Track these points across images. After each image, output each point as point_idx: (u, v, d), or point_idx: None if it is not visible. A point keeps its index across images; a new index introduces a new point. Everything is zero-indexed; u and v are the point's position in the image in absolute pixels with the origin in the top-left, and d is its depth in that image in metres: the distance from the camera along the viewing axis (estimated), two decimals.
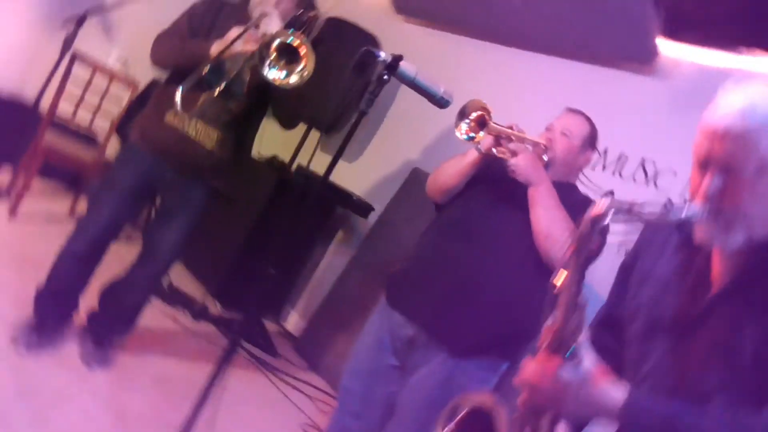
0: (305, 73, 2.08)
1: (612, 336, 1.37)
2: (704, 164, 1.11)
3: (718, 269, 1.19)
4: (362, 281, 3.42)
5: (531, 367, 1.15)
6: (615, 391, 1.09)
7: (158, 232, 2.56)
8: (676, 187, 2.75)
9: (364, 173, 3.90)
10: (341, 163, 1.74)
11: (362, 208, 3.61)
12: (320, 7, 4.12)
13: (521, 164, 1.93)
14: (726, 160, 1.08)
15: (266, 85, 2.39)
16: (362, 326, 2.18)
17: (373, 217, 3.65)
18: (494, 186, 2.06)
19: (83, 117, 3.79)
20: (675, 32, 2.90)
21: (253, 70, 2.35)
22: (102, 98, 3.78)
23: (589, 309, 1.14)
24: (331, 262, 3.92)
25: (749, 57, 2.76)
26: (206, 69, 2.21)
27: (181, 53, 2.33)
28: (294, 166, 3.91)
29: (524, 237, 1.91)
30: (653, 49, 2.87)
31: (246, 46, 2.22)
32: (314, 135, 3.98)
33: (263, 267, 3.23)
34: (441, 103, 1.75)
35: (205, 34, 2.39)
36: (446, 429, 1.26)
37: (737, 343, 1.09)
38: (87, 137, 4.00)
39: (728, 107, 1.08)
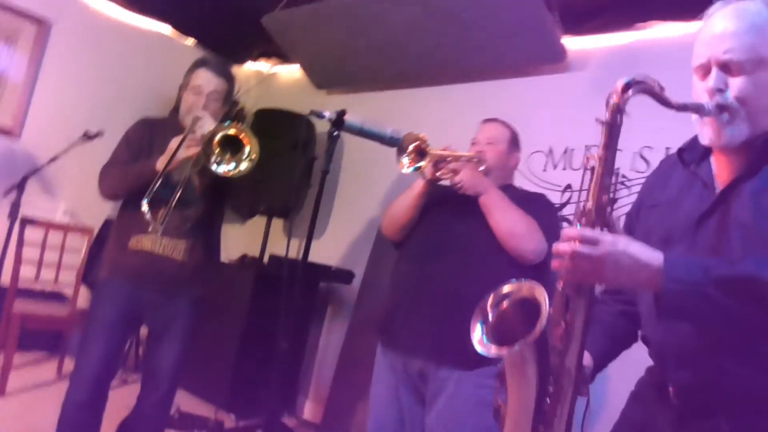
0: (253, 156, 2.16)
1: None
2: (705, 68, 1.23)
3: (723, 174, 1.27)
4: (366, 344, 3.41)
5: (571, 235, 1.15)
6: (652, 253, 1.12)
7: (154, 357, 2.53)
8: (625, 161, 2.88)
9: (334, 245, 3.94)
10: (315, 242, 1.80)
11: (344, 276, 3.64)
12: (245, 102, 4.27)
13: (466, 179, 2.06)
14: (724, 57, 1.20)
15: (218, 184, 2.46)
16: None
17: (356, 282, 3.68)
18: (446, 206, 2.16)
19: (47, 277, 3.76)
20: (574, 27, 3.11)
21: (201, 172, 2.42)
22: (61, 253, 3.76)
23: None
24: (330, 339, 3.90)
25: (647, 29, 2.97)
26: (157, 184, 2.26)
27: (128, 178, 2.38)
28: (266, 257, 3.93)
29: (489, 240, 2.01)
30: (561, 48, 3.05)
31: (189, 151, 2.28)
32: (276, 222, 4.04)
33: (265, 366, 3.20)
34: (392, 142, 1.84)
35: (147, 154, 2.45)
36: (491, 316, 1.27)
37: (752, 219, 1.16)
38: (56, 295, 3.96)
39: (721, 18, 1.22)
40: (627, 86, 1.18)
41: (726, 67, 1.20)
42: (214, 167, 2.16)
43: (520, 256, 1.98)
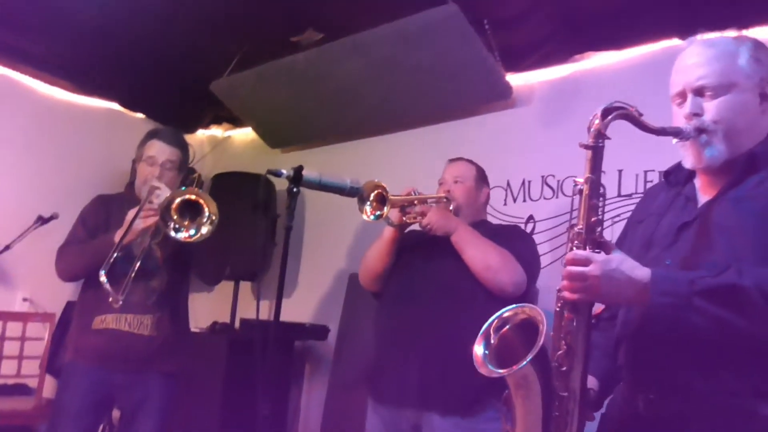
0: (213, 218, 2.15)
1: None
2: (681, 96, 1.32)
3: (706, 192, 1.34)
4: (349, 398, 3.34)
5: (567, 258, 1.22)
6: (641, 270, 1.18)
7: None
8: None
9: (305, 302, 3.89)
10: (286, 301, 1.76)
11: (319, 332, 3.58)
12: (201, 169, 4.25)
13: (433, 220, 2.08)
14: (698, 83, 1.29)
15: (181, 253, 2.43)
16: None
17: (332, 337, 3.62)
18: (419, 250, 2.17)
19: (9, 369, 3.60)
20: (515, 65, 3.22)
21: (162, 243, 2.39)
22: (22, 343, 3.61)
23: None
24: (311, 398, 3.81)
25: (584, 60, 3.11)
26: (114, 255, 2.21)
27: (86, 254, 2.33)
28: (237, 322, 3.85)
29: (466, 279, 2.01)
30: (506, 85, 3.15)
31: (147, 221, 2.26)
32: (244, 286, 3.98)
33: None
34: (352, 192, 1.85)
35: (103, 230, 2.41)
36: (493, 339, 1.30)
37: (736, 222, 1.22)
38: (19, 387, 3.78)
39: (693, 49, 1.33)
40: (606, 112, 1.25)
41: (700, 93, 1.30)
42: (173, 234, 2.14)
43: (499, 289, 1.97)
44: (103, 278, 2.14)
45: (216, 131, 4.88)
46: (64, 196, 3.87)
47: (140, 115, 4.60)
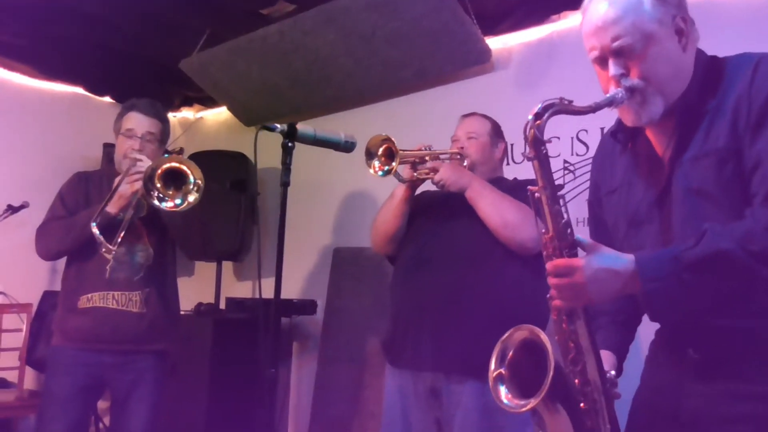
0: (200, 184, 2.09)
1: None
2: (601, 59, 1.29)
3: (660, 145, 1.33)
4: (339, 373, 3.33)
5: (549, 269, 1.22)
6: (623, 259, 1.18)
7: (122, 425, 2.36)
8: (565, 147, 2.96)
9: (290, 279, 3.82)
10: (267, 280, 1.71)
11: (307, 307, 3.55)
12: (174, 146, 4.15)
13: (446, 175, 2.00)
14: (615, 45, 1.25)
15: (165, 231, 2.37)
16: (360, 412, 2.10)
17: (319, 312, 3.59)
18: (433, 210, 2.10)
19: None
20: (491, 28, 3.20)
21: (146, 218, 2.33)
22: None
23: None
24: (301, 375, 3.78)
25: (561, 20, 3.10)
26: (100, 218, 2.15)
27: (70, 230, 2.26)
28: (222, 303, 3.80)
29: (484, 236, 1.95)
30: (485, 48, 3.13)
31: (134, 185, 2.19)
32: (227, 266, 3.92)
33: (238, 414, 3.07)
34: (347, 147, 1.80)
35: (84, 207, 2.34)
36: (502, 369, 1.27)
37: (702, 186, 1.21)
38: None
39: (596, 6, 1.27)
40: (538, 115, 1.22)
41: (620, 53, 1.26)
42: (156, 203, 2.07)
43: (519, 246, 1.90)
44: (95, 229, 2.08)
45: (187, 113, 4.78)
46: (33, 184, 3.75)
47: (107, 99, 4.48)
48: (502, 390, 1.26)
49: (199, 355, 3.34)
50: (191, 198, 2.10)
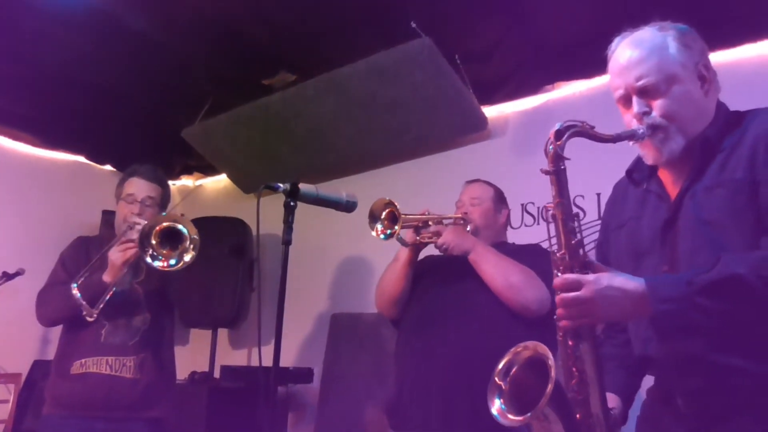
0: (196, 241, 2.07)
1: None
2: (626, 98, 1.33)
3: (672, 184, 1.34)
4: None
5: (557, 285, 1.20)
6: (634, 281, 1.17)
7: None
8: None
9: (287, 347, 3.74)
10: (264, 348, 1.68)
11: (303, 375, 3.46)
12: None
13: (449, 239, 2.01)
14: (639, 84, 1.30)
15: (163, 292, 2.34)
16: None
17: (316, 380, 3.50)
18: (437, 273, 2.10)
19: None
20: (487, 97, 3.28)
21: (144, 280, 2.31)
22: None
23: None
24: None
25: (557, 89, 3.19)
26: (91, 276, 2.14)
27: (68, 297, 2.22)
28: (217, 371, 3.70)
29: (488, 299, 1.94)
30: (482, 116, 3.20)
31: (126, 253, 2.18)
32: (222, 333, 3.85)
33: None
34: (348, 207, 1.80)
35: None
36: (504, 385, 1.26)
37: (710, 214, 1.22)
38: None
39: (623, 49, 1.33)
40: (559, 133, 1.25)
41: (644, 92, 1.31)
42: (149, 261, 2.06)
43: (523, 307, 1.90)
44: (75, 291, 2.05)
45: (186, 181, 4.82)
46: (29, 251, 3.73)
47: (108, 167, 4.52)
48: (497, 402, 1.24)
49: (194, 425, 3.23)
50: (187, 257, 2.09)
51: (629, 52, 1.33)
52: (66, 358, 2.26)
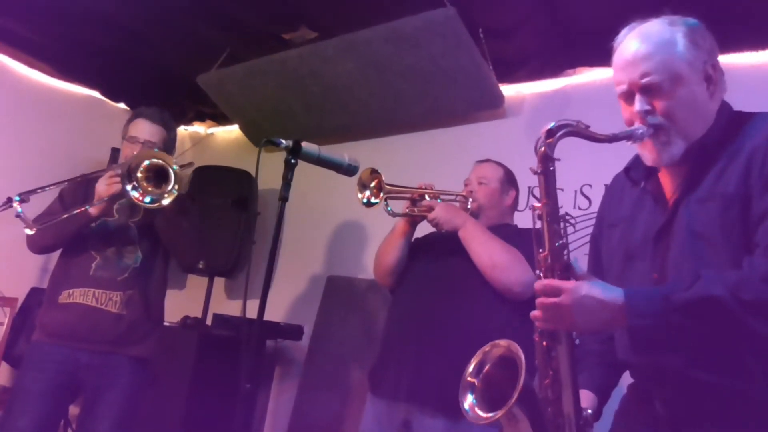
0: (177, 188, 2.09)
1: None
2: (628, 94, 1.28)
3: (670, 187, 1.32)
4: (319, 403, 3.26)
5: (537, 288, 1.20)
6: (612, 291, 1.16)
7: (87, 426, 2.30)
8: (567, 201, 2.96)
9: (280, 302, 3.81)
10: (253, 301, 1.68)
11: (293, 331, 3.50)
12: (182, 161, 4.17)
13: (440, 214, 2.04)
14: (643, 81, 1.25)
15: (157, 232, 2.36)
16: None
17: (305, 339, 3.55)
18: (432, 247, 2.14)
19: None
20: (506, 75, 3.24)
21: (141, 221, 2.32)
22: None
23: None
24: (279, 401, 3.70)
25: (577, 74, 3.14)
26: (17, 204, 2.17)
27: (57, 225, 2.24)
28: (209, 317, 3.76)
29: (474, 276, 1.97)
30: (498, 94, 3.16)
31: (111, 187, 2.21)
32: (218, 282, 3.89)
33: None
34: (349, 170, 1.80)
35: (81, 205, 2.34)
36: (476, 383, 1.27)
37: (702, 228, 1.21)
38: None
39: (629, 42, 1.28)
40: (551, 132, 1.23)
41: (647, 90, 1.26)
42: (128, 189, 2.07)
43: (506, 288, 1.92)
44: (16, 206, 2.09)
45: (198, 128, 4.81)
46: (35, 179, 3.72)
47: (121, 105, 4.51)
48: (469, 398, 1.25)
49: (181, 368, 3.29)
50: (165, 201, 2.10)
51: (636, 45, 1.28)
52: (56, 287, 2.30)
